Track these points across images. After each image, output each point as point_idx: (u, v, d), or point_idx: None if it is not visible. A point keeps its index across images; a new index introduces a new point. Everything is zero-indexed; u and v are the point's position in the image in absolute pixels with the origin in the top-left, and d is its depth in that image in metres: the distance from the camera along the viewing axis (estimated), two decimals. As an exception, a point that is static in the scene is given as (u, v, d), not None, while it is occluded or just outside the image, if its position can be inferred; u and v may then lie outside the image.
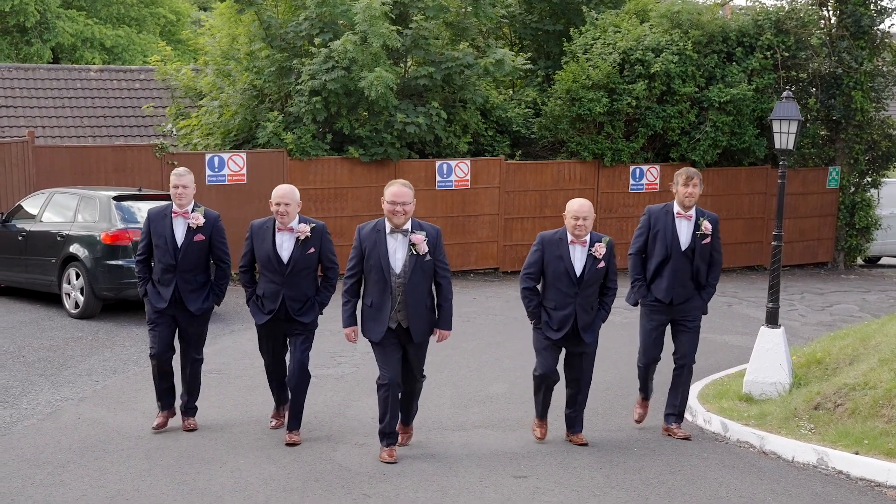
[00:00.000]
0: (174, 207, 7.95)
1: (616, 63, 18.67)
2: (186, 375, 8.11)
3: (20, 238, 13.94)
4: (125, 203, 13.11)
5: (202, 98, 18.97)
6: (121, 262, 12.52)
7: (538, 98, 19.76)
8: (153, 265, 8.02)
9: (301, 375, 7.67)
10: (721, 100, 18.86)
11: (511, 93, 20.72)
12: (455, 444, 7.84)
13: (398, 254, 7.21)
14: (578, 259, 7.66)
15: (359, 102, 17.25)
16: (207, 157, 16.89)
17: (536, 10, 21.28)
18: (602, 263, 7.69)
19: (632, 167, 19.34)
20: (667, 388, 8.38)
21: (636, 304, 8.33)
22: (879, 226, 21.50)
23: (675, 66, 18.69)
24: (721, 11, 20.85)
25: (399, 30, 17.33)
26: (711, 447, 8.00)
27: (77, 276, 12.98)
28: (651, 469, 7.33)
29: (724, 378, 10.03)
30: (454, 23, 18.90)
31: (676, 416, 8.29)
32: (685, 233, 8.10)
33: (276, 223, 7.62)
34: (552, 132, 19.28)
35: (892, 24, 71.22)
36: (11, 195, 16.29)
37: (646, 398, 8.52)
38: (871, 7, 20.24)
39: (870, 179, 21.47)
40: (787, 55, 19.73)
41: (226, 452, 7.47)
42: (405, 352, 7.37)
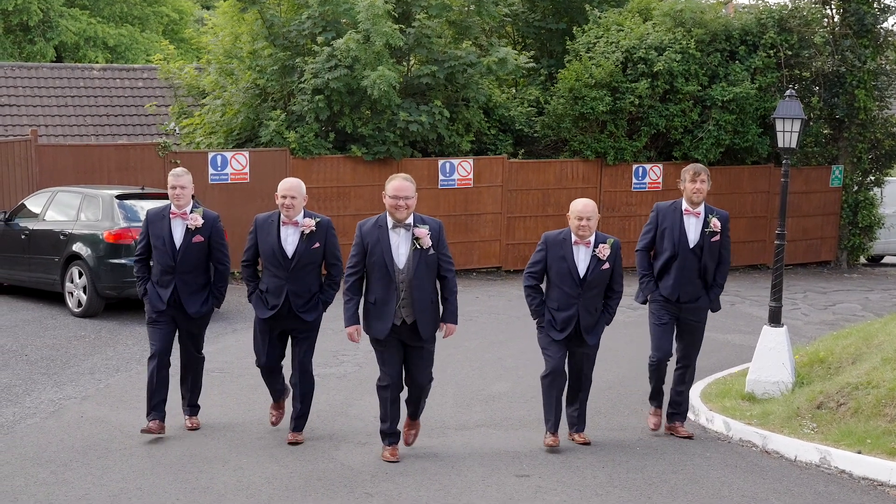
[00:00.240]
0: (172, 208, 7.86)
1: (619, 61, 18.66)
2: (188, 374, 8.07)
3: (23, 237, 13.96)
4: (128, 202, 13.13)
5: (205, 97, 18.99)
6: (124, 261, 12.51)
7: (541, 97, 19.75)
8: (152, 266, 7.91)
9: (305, 379, 7.65)
10: (724, 98, 18.84)
11: (514, 91, 20.70)
12: (457, 443, 7.83)
13: (401, 249, 7.09)
14: (582, 260, 7.57)
15: (361, 101, 17.25)
16: (210, 156, 16.90)
17: (539, 9, 21.27)
18: (607, 265, 7.60)
19: (634, 166, 19.32)
20: (668, 387, 8.37)
21: (645, 302, 8.24)
22: (882, 225, 21.46)
23: (678, 65, 18.68)
24: (724, 10, 20.81)
25: (402, 28, 17.33)
26: (714, 446, 7.99)
27: (80, 275, 13.00)
28: (653, 468, 7.32)
29: (727, 377, 10.01)
30: (457, 21, 18.89)
31: (679, 415, 8.30)
32: (693, 230, 8.03)
33: (281, 217, 7.54)
34: (555, 131, 19.27)
35: (896, 23, 71.15)
36: (14, 194, 16.31)
37: (658, 406, 8.31)
38: (875, 5, 20.21)
39: (873, 178, 21.44)
40: (791, 53, 19.71)
41: (228, 451, 7.47)
42: (409, 352, 7.23)
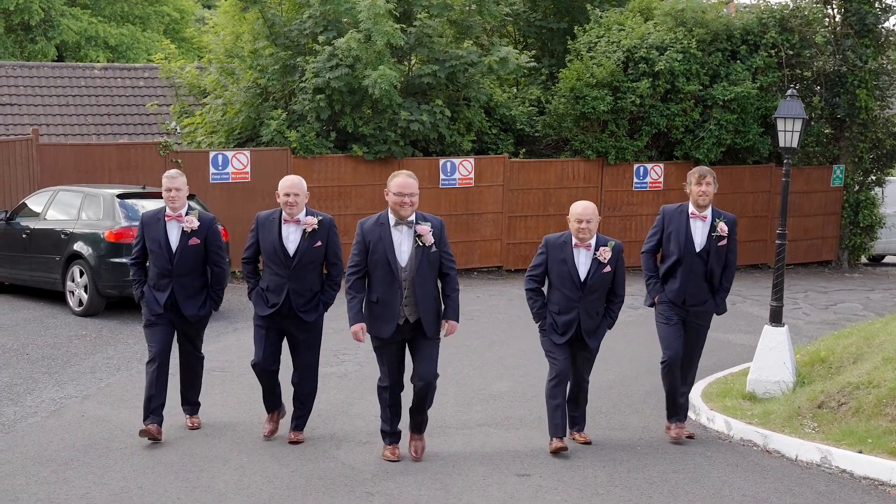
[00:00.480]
0: (167, 211, 7.77)
1: (620, 61, 18.65)
2: (188, 373, 8.04)
3: (24, 236, 13.96)
4: (129, 201, 13.13)
5: (206, 96, 18.99)
6: (125, 260, 12.38)
7: (542, 96, 19.73)
8: (149, 269, 7.82)
9: (307, 381, 7.64)
10: (725, 98, 18.83)
11: (515, 91, 20.69)
12: (458, 443, 7.83)
13: (403, 246, 7.05)
14: (583, 263, 7.49)
15: (363, 100, 17.24)
16: (211, 155, 16.90)
17: (540, 8, 21.26)
18: (608, 268, 7.52)
19: (636, 165, 19.31)
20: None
21: (652, 305, 8.16)
22: (883, 224, 21.45)
23: (680, 64, 18.67)
24: (725, 9, 20.80)
25: (403, 28, 17.33)
26: (715, 446, 7.98)
27: (81, 274, 13.00)
28: (654, 467, 7.32)
29: (728, 376, 10.01)
30: (458, 21, 18.88)
31: (679, 415, 8.28)
32: (700, 234, 7.94)
33: (283, 215, 7.49)
34: (556, 130, 19.26)
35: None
36: (16, 193, 16.31)
37: (681, 421, 8.04)
38: (876, 5, 20.20)
39: (874, 178, 21.44)
40: (792, 53, 19.70)
41: (229, 450, 7.47)
42: (414, 347, 7.17)
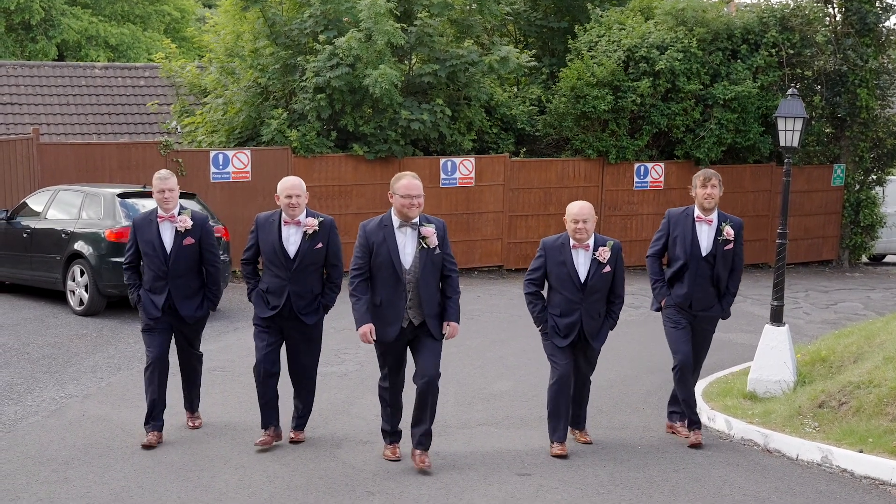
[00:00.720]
0: (159, 212, 7.70)
1: (621, 60, 18.65)
2: (188, 373, 8.01)
3: (25, 235, 13.96)
4: (130, 200, 13.12)
5: (207, 95, 19.00)
6: (125, 260, 12.49)
7: (543, 95, 19.74)
8: (144, 273, 7.76)
9: (306, 382, 7.63)
10: (726, 97, 18.83)
11: (515, 90, 20.69)
12: (459, 442, 7.83)
13: (407, 248, 7.00)
14: (582, 264, 7.44)
15: (363, 100, 17.25)
16: (212, 155, 16.91)
17: (541, 8, 21.27)
18: (608, 268, 7.47)
19: (636, 165, 19.31)
20: (671, 388, 8.35)
21: (659, 310, 8.09)
22: (884, 223, 21.46)
23: (680, 64, 18.67)
24: (726, 8, 20.80)
25: (403, 27, 17.33)
26: (716, 445, 7.97)
27: (82, 274, 13.00)
28: (655, 467, 7.32)
29: (729, 376, 10.01)
30: (459, 20, 18.89)
31: (681, 415, 8.25)
32: (706, 238, 7.85)
33: (283, 216, 7.43)
34: (557, 129, 19.26)
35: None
36: (16, 192, 16.32)
37: (698, 428, 7.92)
38: (877, 4, 20.20)
39: (875, 177, 21.45)
40: (792, 52, 19.70)
41: (230, 450, 7.47)
42: (417, 346, 7.09)
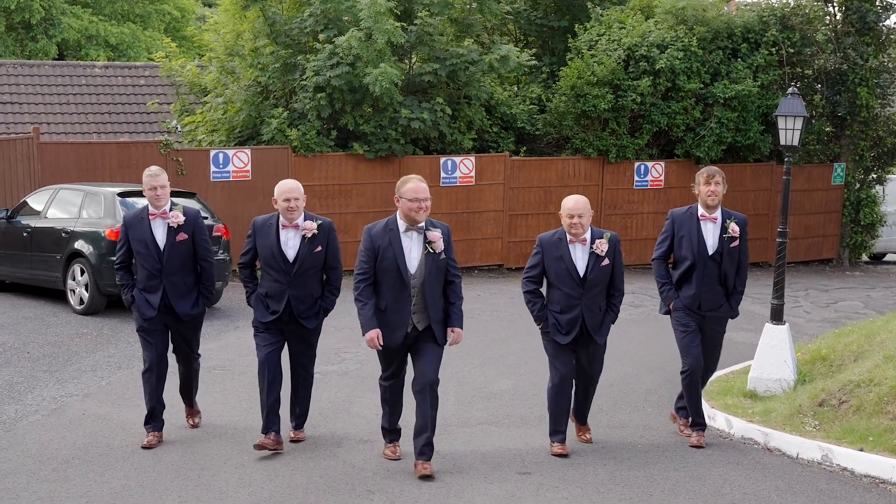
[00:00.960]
0: (151, 209, 7.52)
1: (621, 59, 18.65)
2: (185, 374, 7.95)
3: (25, 234, 13.96)
4: (130, 199, 13.11)
5: (207, 94, 19.00)
6: (125, 259, 12.48)
7: (543, 94, 19.73)
8: (137, 272, 7.62)
9: (304, 382, 7.62)
10: (726, 96, 18.83)
11: (516, 89, 20.68)
12: (459, 441, 7.83)
13: (413, 253, 6.93)
14: (580, 258, 7.38)
15: (363, 99, 17.24)
16: (212, 154, 16.91)
17: (541, 7, 21.26)
18: (606, 261, 7.40)
19: (636, 164, 19.31)
20: (671, 387, 8.34)
21: (668, 313, 7.99)
22: (884, 222, 21.46)
23: (680, 63, 18.66)
24: (726, 7, 20.81)
25: (404, 26, 17.32)
26: (716, 444, 7.97)
27: (82, 273, 13.00)
28: (655, 465, 7.32)
29: (729, 374, 10.01)
30: (459, 19, 18.87)
31: (687, 412, 8.05)
32: (711, 236, 7.77)
33: (281, 220, 7.33)
34: (557, 128, 19.26)
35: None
36: (16, 191, 16.32)
37: (702, 429, 7.89)
38: (877, 3, 20.19)
39: (875, 176, 21.45)
40: (793, 51, 19.69)
41: (230, 449, 7.47)
42: (417, 350, 7.01)
